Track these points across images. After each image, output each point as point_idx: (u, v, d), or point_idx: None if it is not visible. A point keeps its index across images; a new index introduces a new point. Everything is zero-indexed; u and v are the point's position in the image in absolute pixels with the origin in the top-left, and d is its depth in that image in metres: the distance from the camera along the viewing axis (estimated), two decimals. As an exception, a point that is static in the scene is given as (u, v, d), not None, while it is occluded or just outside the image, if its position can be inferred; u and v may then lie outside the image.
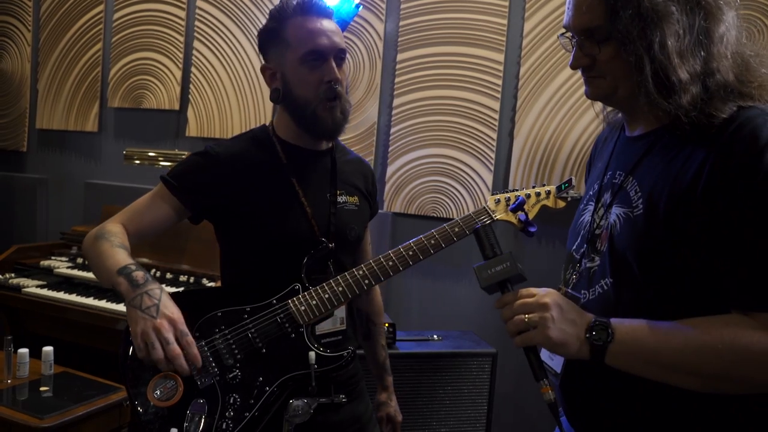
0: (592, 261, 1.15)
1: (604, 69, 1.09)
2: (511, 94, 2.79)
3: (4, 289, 2.83)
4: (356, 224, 1.50)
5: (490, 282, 1.08)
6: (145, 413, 1.26)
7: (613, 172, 1.17)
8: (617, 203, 1.12)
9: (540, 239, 2.70)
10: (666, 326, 0.99)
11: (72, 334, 2.77)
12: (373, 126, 2.98)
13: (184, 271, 2.77)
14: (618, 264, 1.07)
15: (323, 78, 1.37)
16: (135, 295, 1.22)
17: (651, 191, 1.04)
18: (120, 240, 1.34)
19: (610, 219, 1.12)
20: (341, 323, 1.46)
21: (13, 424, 2.06)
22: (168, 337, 1.17)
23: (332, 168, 1.50)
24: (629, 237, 1.06)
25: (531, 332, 1.03)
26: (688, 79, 1.01)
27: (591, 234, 1.17)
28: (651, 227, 1.03)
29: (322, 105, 1.38)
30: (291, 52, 1.39)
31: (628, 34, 1.02)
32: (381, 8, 2.95)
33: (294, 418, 1.25)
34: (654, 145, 1.10)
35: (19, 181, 3.82)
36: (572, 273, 1.21)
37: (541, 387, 1.03)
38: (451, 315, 2.85)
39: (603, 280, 1.11)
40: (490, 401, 2.28)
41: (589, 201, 1.24)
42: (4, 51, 3.85)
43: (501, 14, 2.75)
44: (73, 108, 3.65)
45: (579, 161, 2.65)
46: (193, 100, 3.33)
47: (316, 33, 1.37)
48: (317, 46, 1.37)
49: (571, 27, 1.12)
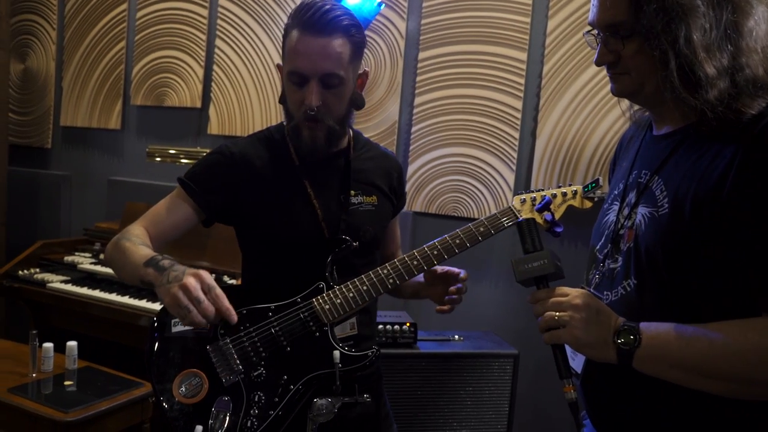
0: (615, 261, 1.14)
1: (629, 65, 1.08)
2: (534, 93, 2.76)
3: (29, 284, 2.87)
4: (372, 225, 1.48)
5: (525, 276, 1.10)
6: (170, 410, 1.26)
7: (639, 171, 1.16)
8: (643, 203, 1.10)
9: (562, 240, 2.68)
10: (692, 330, 0.98)
11: (95, 329, 2.80)
12: (394, 125, 2.97)
13: (204, 268, 2.76)
14: (642, 265, 1.06)
15: (303, 100, 1.34)
16: (163, 276, 1.23)
17: (677, 190, 1.03)
18: (142, 240, 1.35)
19: (636, 219, 1.10)
20: (351, 328, 1.44)
21: (38, 418, 2.09)
22: (198, 296, 1.16)
23: (345, 169, 1.48)
24: (654, 237, 1.05)
25: (559, 331, 1.04)
26: (714, 74, 0.99)
27: (615, 234, 1.16)
28: (677, 227, 1.01)
29: (303, 123, 1.36)
30: (284, 63, 1.39)
31: (653, 28, 1.01)
32: (403, 6, 2.94)
33: (318, 417, 1.25)
34: (680, 144, 1.08)
35: (44, 177, 3.87)
36: (595, 273, 1.20)
37: (564, 386, 1.04)
38: (471, 315, 2.83)
39: (626, 281, 1.10)
40: (511, 402, 2.27)
41: (614, 200, 1.22)
42: (30, 49, 3.90)
43: (524, 12, 2.73)
44: (97, 105, 3.69)
45: (603, 161, 2.62)
46: (215, 98, 3.34)
47: (302, 53, 1.31)
48: (298, 68, 1.32)
49: (596, 23, 1.11)
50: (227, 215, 1.45)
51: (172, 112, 3.50)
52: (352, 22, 1.35)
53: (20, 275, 2.92)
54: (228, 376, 1.28)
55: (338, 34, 1.32)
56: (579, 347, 1.04)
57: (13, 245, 3.51)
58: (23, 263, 3.03)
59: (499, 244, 2.78)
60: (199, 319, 1.16)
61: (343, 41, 1.33)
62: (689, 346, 0.97)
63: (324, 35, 1.30)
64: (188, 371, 1.27)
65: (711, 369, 0.97)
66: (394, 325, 2.25)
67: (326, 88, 1.33)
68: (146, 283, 1.26)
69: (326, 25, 1.31)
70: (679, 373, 0.99)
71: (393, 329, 2.24)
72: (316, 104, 1.33)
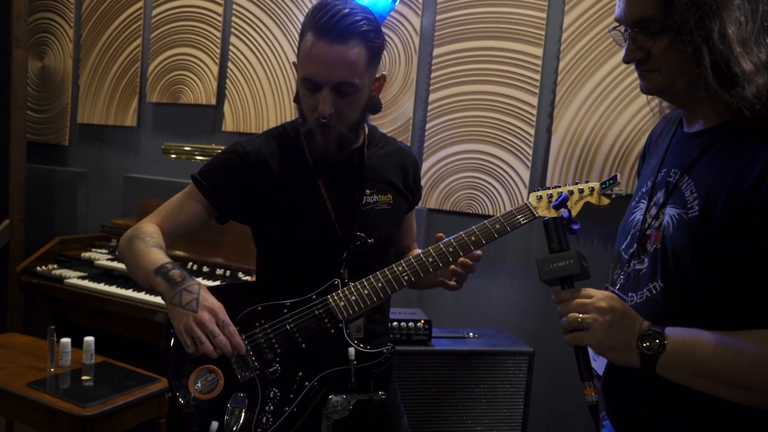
0: (641, 262, 1.11)
1: (660, 62, 1.05)
2: (550, 89, 2.74)
3: (47, 280, 2.90)
4: (387, 224, 1.47)
5: (550, 276, 1.08)
6: (186, 405, 1.27)
7: (668, 169, 1.12)
8: (671, 203, 1.07)
9: (578, 237, 2.66)
10: (718, 338, 0.97)
11: (112, 324, 2.82)
12: (409, 121, 2.96)
13: (219, 264, 2.80)
14: (670, 268, 1.04)
15: (316, 106, 1.32)
16: (174, 293, 1.23)
17: (708, 192, 1.00)
18: (155, 240, 1.35)
19: (664, 220, 1.07)
20: (357, 331, 1.43)
21: (57, 412, 2.11)
22: (213, 330, 1.19)
23: (359, 168, 1.46)
24: (683, 240, 1.02)
25: (582, 332, 1.02)
26: (752, 69, 0.95)
27: (642, 234, 1.13)
28: (707, 231, 0.98)
29: (315, 129, 1.34)
30: (299, 67, 1.36)
31: (685, 23, 0.98)
32: (417, 3, 2.93)
33: (333, 414, 1.25)
34: (713, 143, 1.04)
35: (61, 174, 3.91)
36: (620, 273, 1.17)
37: (585, 388, 1.02)
38: (486, 313, 2.83)
39: (651, 284, 1.07)
40: (526, 400, 2.26)
41: (641, 198, 1.19)
42: (48, 47, 3.94)
43: (540, 8, 2.71)
44: (113, 103, 3.72)
45: (620, 158, 2.60)
46: (230, 95, 3.36)
47: (316, 60, 1.27)
48: (311, 75, 1.29)
49: (622, 19, 1.07)
50: (240, 213, 1.45)
51: (188, 109, 3.51)
52: (370, 27, 1.30)
53: (38, 271, 2.96)
54: (243, 373, 1.28)
55: (355, 40, 1.28)
56: (601, 350, 1.02)
57: (31, 241, 3.55)
58: (41, 259, 3.06)
59: (514, 242, 2.77)
60: (210, 350, 1.19)
61: (359, 48, 1.28)
62: (716, 355, 0.95)
63: (339, 42, 1.26)
64: (204, 367, 1.27)
65: (736, 378, 0.95)
66: (408, 322, 2.24)
67: (339, 96, 1.31)
68: (156, 292, 1.28)
69: (342, 31, 1.26)
70: (704, 381, 0.98)
71: (407, 326, 2.24)
72: (329, 112, 1.30)
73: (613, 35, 1.12)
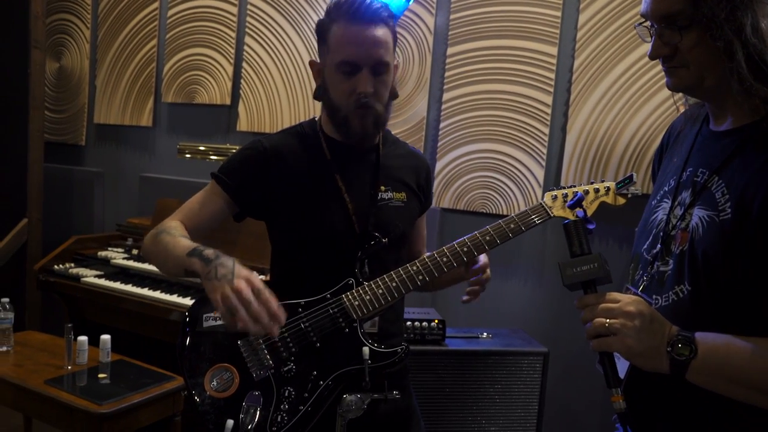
0: (666, 264, 1.09)
1: (688, 58, 1.02)
2: (564, 88, 2.73)
3: (64, 279, 2.94)
4: (401, 221, 1.49)
5: (573, 280, 1.05)
6: (201, 403, 1.28)
7: (695, 169, 1.09)
8: (699, 204, 1.05)
9: (594, 237, 2.64)
10: (752, 344, 0.95)
11: (128, 323, 2.85)
12: (422, 121, 2.96)
13: (234, 263, 2.81)
14: (699, 271, 1.01)
15: (355, 89, 1.36)
16: (209, 269, 1.23)
17: (742, 195, 0.97)
18: (181, 232, 1.37)
19: (692, 222, 1.05)
20: (372, 326, 1.43)
21: (74, 409, 2.13)
22: (248, 298, 1.14)
23: (376, 164, 1.49)
24: (715, 244, 0.99)
25: (610, 338, 0.99)
26: None
27: (666, 234, 1.11)
28: (741, 235, 0.96)
29: (353, 112, 1.38)
30: (330, 56, 1.38)
31: (715, 17, 0.96)
32: (431, 2, 2.92)
33: (347, 413, 1.25)
34: (746, 143, 1.01)
35: (78, 174, 3.95)
36: (642, 275, 1.15)
37: (613, 396, 1.00)
38: (500, 312, 2.82)
39: (678, 287, 1.05)
40: (540, 401, 2.24)
41: (664, 198, 1.16)
42: (65, 48, 3.98)
43: (555, 6, 2.69)
44: (129, 103, 3.75)
45: (636, 157, 2.58)
46: (244, 95, 3.37)
47: (353, 42, 1.34)
48: (350, 57, 1.34)
49: (649, 14, 1.05)
50: (260, 209, 1.47)
51: (202, 109, 3.54)
52: (389, 13, 1.39)
53: (56, 270, 2.99)
54: (258, 371, 1.29)
55: (381, 23, 1.35)
56: (630, 356, 1.00)
57: (48, 240, 3.59)
58: (58, 258, 3.10)
59: (528, 242, 2.76)
60: (245, 318, 1.13)
61: (385, 30, 1.36)
62: (750, 361, 0.94)
63: (371, 25, 1.34)
64: (219, 365, 1.28)
65: None
66: (422, 322, 2.24)
67: (375, 75, 1.36)
68: (191, 273, 1.27)
69: (372, 15, 1.34)
70: (737, 388, 0.96)
71: (421, 326, 2.24)
72: (371, 90, 1.35)
73: (639, 30, 1.10)
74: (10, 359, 2.49)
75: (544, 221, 1.43)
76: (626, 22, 2.57)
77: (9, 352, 2.55)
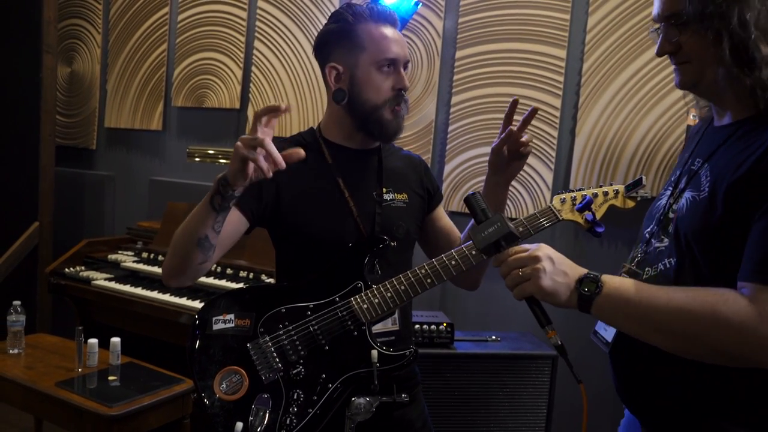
0: (661, 242, 1.19)
1: (689, 53, 1.12)
2: (573, 91, 2.72)
3: (75, 281, 2.96)
4: (404, 221, 1.50)
5: (485, 243, 1.15)
6: (211, 406, 1.28)
7: (694, 159, 1.20)
8: (690, 188, 1.15)
9: (602, 241, 2.63)
10: (655, 287, 1.06)
11: (137, 325, 2.87)
12: (431, 124, 2.96)
13: (243, 266, 2.83)
14: (681, 246, 1.11)
15: (395, 85, 1.43)
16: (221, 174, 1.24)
17: (717, 176, 1.08)
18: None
19: (680, 203, 1.15)
20: (393, 323, 1.45)
21: (84, 411, 2.15)
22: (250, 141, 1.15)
23: (378, 166, 1.51)
24: (691, 219, 1.10)
25: (525, 284, 1.09)
26: None
27: (665, 216, 1.21)
28: (711, 209, 1.06)
29: (389, 109, 1.43)
30: (366, 55, 1.42)
31: (704, 11, 1.06)
32: (440, 5, 2.93)
33: (356, 416, 1.26)
34: (733, 134, 1.11)
35: (89, 177, 3.98)
36: (639, 252, 1.25)
37: (547, 332, 1.10)
38: (509, 316, 2.81)
39: (667, 260, 1.15)
40: (549, 405, 2.24)
41: (668, 186, 1.27)
42: (76, 53, 4.02)
43: (563, 9, 2.69)
44: (139, 107, 3.78)
45: (645, 160, 2.57)
46: (253, 99, 3.39)
47: (392, 41, 1.42)
48: (393, 54, 1.42)
49: (658, 17, 1.15)
50: (264, 217, 1.47)
51: (212, 113, 3.56)
52: None
53: (66, 273, 3.02)
54: (267, 374, 1.29)
55: (400, 26, 1.48)
56: (544, 296, 1.10)
57: (59, 243, 3.62)
58: (69, 261, 3.12)
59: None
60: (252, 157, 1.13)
61: None
62: (647, 300, 1.04)
63: (396, 25, 1.46)
64: (229, 368, 1.29)
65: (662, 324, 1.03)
66: (431, 325, 2.24)
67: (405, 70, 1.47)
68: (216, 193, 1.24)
69: (395, 17, 1.45)
70: (633, 325, 1.07)
71: (430, 329, 2.24)
72: (408, 85, 1.46)
73: (652, 35, 1.21)
74: (21, 361, 2.51)
75: (553, 224, 1.43)
76: (635, 25, 2.56)
77: (20, 354, 2.57)
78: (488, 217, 1.16)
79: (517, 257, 1.11)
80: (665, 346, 1.06)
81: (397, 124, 1.46)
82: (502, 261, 1.14)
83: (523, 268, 1.10)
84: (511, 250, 1.13)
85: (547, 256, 1.10)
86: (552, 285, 1.09)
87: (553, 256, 1.11)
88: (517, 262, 1.11)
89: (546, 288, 1.09)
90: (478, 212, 1.17)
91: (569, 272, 1.10)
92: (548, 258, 1.10)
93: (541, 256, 1.09)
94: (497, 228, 1.14)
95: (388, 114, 1.43)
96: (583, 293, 1.08)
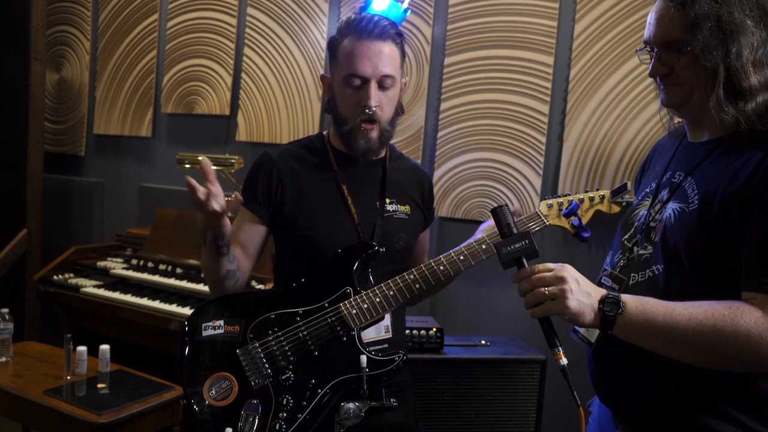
0: (645, 249, 1.23)
1: (682, 76, 1.17)
2: (561, 97, 2.75)
3: (63, 289, 2.94)
4: (405, 233, 1.51)
5: (509, 258, 1.16)
6: (200, 412, 1.28)
7: (673, 172, 1.25)
8: (674, 199, 1.20)
9: (589, 245, 2.66)
10: (672, 304, 1.09)
11: (127, 333, 2.85)
12: (420, 130, 2.98)
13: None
14: (670, 253, 1.16)
15: (360, 102, 1.41)
16: None
17: (707, 189, 1.13)
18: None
19: (666, 213, 1.20)
20: (386, 331, 1.46)
21: (73, 419, 2.14)
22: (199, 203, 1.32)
23: (383, 177, 1.52)
24: (682, 229, 1.15)
25: (549, 303, 1.10)
26: (757, 86, 1.11)
27: (647, 226, 1.25)
28: (704, 222, 1.11)
29: (357, 126, 1.43)
30: (338, 70, 1.44)
31: (708, 44, 1.11)
32: (429, 12, 2.95)
33: (345, 421, 1.26)
34: (715, 150, 1.17)
35: (78, 184, 3.96)
36: (621, 258, 1.29)
37: (555, 354, 1.11)
38: (498, 321, 2.82)
39: (654, 266, 1.19)
40: (538, 408, 2.25)
41: (645, 197, 1.31)
42: (65, 59, 4.01)
43: (551, 17, 2.72)
44: (129, 114, 3.77)
45: (631, 165, 2.60)
46: (243, 105, 3.39)
47: (361, 56, 1.40)
48: (357, 70, 1.40)
49: (651, 41, 1.21)
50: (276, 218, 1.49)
51: (202, 119, 3.56)
52: (397, 32, 1.45)
53: (55, 280, 3.00)
54: (257, 380, 1.29)
55: (389, 40, 1.43)
56: (569, 317, 1.11)
57: (48, 250, 3.60)
58: (58, 268, 3.10)
59: (526, 250, 2.76)
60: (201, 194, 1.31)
61: (392, 47, 1.43)
62: (669, 317, 1.07)
63: (379, 40, 1.41)
64: (218, 374, 1.29)
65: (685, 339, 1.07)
66: (420, 330, 2.25)
67: (381, 89, 1.42)
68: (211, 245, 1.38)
69: (380, 31, 1.41)
70: (656, 341, 1.10)
71: (419, 334, 2.24)
72: (376, 103, 1.41)
73: (641, 56, 1.26)
74: (9, 369, 2.49)
75: (541, 229, 1.45)
76: (621, 32, 2.59)
77: (8, 362, 2.55)
78: (512, 232, 1.16)
79: (541, 276, 1.12)
80: (686, 358, 1.10)
81: (366, 142, 1.44)
82: (522, 278, 1.14)
83: (549, 288, 1.10)
84: (534, 267, 1.13)
85: (572, 276, 1.11)
86: (578, 306, 1.10)
87: (578, 277, 1.12)
88: (541, 282, 1.11)
89: (572, 308, 1.09)
90: (503, 226, 1.18)
91: (592, 293, 1.12)
92: (573, 279, 1.10)
93: (567, 277, 1.10)
94: (524, 245, 1.14)
95: (356, 130, 1.43)
96: (607, 314, 1.10)
